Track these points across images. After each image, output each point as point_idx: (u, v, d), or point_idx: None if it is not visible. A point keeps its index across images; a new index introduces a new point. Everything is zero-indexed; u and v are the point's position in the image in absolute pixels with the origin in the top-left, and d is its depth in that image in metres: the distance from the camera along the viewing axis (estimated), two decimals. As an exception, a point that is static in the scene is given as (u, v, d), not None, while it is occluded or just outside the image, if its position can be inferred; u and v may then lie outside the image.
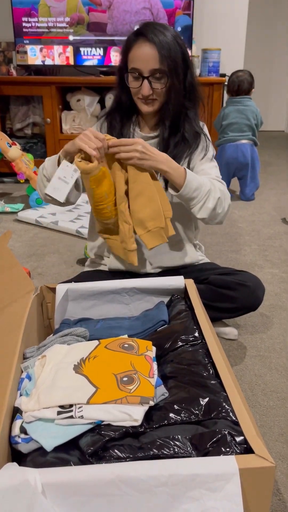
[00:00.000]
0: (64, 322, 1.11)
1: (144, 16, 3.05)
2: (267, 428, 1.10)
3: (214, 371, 0.85)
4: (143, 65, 1.17)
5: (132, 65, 1.19)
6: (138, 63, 1.17)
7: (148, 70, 1.17)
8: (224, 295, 1.30)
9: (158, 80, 1.19)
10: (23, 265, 1.98)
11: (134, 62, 1.18)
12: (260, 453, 0.63)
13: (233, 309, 1.33)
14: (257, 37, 5.24)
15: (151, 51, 1.16)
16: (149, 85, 1.19)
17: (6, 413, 0.74)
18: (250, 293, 1.29)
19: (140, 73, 1.18)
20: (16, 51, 3.17)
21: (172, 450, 0.68)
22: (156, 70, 1.17)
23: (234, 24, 3.39)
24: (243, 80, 2.79)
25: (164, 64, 1.16)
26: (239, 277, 1.32)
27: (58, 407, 0.75)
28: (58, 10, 3.06)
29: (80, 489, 0.60)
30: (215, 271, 1.37)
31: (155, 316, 1.07)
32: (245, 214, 2.73)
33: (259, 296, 1.31)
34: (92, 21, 3.09)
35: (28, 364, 0.89)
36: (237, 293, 1.29)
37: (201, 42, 3.36)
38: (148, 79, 1.18)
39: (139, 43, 1.17)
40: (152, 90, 1.20)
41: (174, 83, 1.20)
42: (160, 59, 1.16)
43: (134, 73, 1.19)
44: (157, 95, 1.22)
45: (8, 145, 2.74)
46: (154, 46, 1.15)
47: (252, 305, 1.33)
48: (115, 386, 0.78)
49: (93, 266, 1.44)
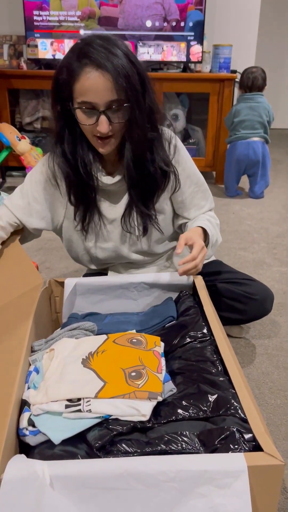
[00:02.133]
0: (72, 316, 1.11)
1: (156, 11, 3.03)
2: (275, 426, 1.10)
3: (222, 368, 0.85)
4: (97, 98, 0.96)
5: (81, 99, 0.97)
6: (91, 96, 0.96)
7: (104, 103, 0.97)
8: (232, 306, 1.28)
9: (117, 112, 0.99)
10: (32, 259, 1.98)
11: (84, 95, 0.96)
12: (269, 451, 0.63)
13: (240, 320, 1.34)
14: (269, 34, 5.19)
15: (104, 81, 0.94)
16: (108, 120, 0.98)
17: (14, 405, 0.74)
18: (259, 305, 1.29)
19: (94, 107, 0.97)
20: (27, 44, 3.17)
21: (180, 446, 0.67)
22: (113, 101, 0.97)
23: (246, 20, 3.36)
24: (257, 77, 2.74)
25: (121, 94, 0.96)
26: (248, 289, 1.28)
27: (66, 400, 0.75)
28: (70, 4, 3.05)
29: (88, 483, 0.60)
30: (223, 276, 1.32)
31: (163, 312, 1.07)
32: (254, 212, 2.71)
33: (267, 307, 1.31)
34: (104, 15, 3.07)
35: (36, 357, 0.89)
36: (246, 306, 1.28)
37: (212, 38, 3.33)
38: (105, 113, 0.97)
39: (87, 72, 0.94)
40: (111, 125, 1.00)
41: (135, 114, 0.99)
42: (117, 88, 0.95)
43: (85, 108, 0.98)
44: (114, 131, 1.02)
45: (17, 138, 2.74)
46: (108, 75, 0.94)
47: (260, 316, 1.34)
48: (123, 381, 0.78)
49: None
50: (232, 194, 2.99)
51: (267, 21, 4.92)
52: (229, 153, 2.90)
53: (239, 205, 2.84)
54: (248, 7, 3.33)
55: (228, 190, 2.99)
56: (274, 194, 3.09)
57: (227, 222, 2.52)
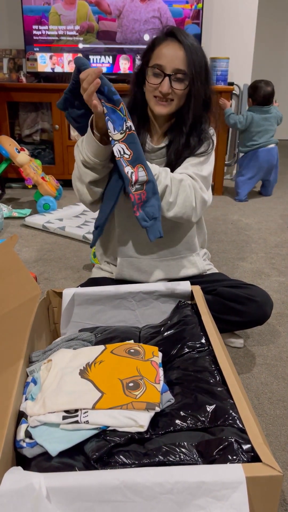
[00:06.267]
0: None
1: (154, 25, 3.08)
2: (274, 437, 1.09)
3: (221, 378, 0.85)
4: (167, 62, 1.14)
5: (155, 61, 1.15)
6: (163, 60, 1.14)
7: (172, 69, 1.14)
8: (232, 308, 1.29)
9: (180, 81, 1.16)
10: (30, 270, 1.99)
11: (159, 58, 1.15)
12: (268, 462, 0.63)
13: (240, 323, 1.33)
14: (265, 46, 5.26)
15: (178, 51, 1.14)
16: (169, 84, 1.15)
17: (11, 417, 0.74)
18: (258, 307, 1.28)
19: (163, 70, 1.15)
20: (26, 58, 3.21)
21: (178, 457, 0.67)
22: (179, 70, 1.14)
23: (243, 33, 3.41)
24: (271, 92, 3.02)
25: (189, 66, 1.14)
26: (248, 291, 1.30)
27: (64, 411, 0.74)
28: (68, 18, 3.10)
29: (85, 495, 0.60)
30: (224, 282, 1.35)
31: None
32: (252, 222, 2.72)
33: (267, 311, 1.30)
34: (102, 29, 3.12)
35: (33, 368, 0.89)
36: (245, 307, 1.28)
37: (209, 51, 3.37)
38: (170, 77, 1.14)
39: (167, 42, 1.15)
40: (172, 89, 1.16)
41: (196, 89, 1.16)
42: (186, 60, 1.14)
43: (156, 70, 1.15)
44: (175, 97, 1.17)
45: (16, 150, 2.76)
46: (183, 47, 1.14)
47: (259, 320, 1.32)
48: (121, 392, 0.77)
49: (99, 274, 1.43)
50: (244, 198, 3.18)
51: (263, 34, 4.99)
52: (249, 161, 3.13)
53: (238, 215, 2.85)
54: (245, 20, 3.38)
55: (240, 195, 3.17)
56: (272, 204, 3.11)
57: (226, 232, 2.52)
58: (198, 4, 3.04)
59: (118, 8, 3.06)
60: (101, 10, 3.08)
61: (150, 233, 1.09)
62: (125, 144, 1.02)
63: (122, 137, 1.02)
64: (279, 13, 5.31)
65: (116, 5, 3.05)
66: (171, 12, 3.05)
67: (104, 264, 1.42)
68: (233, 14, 3.37)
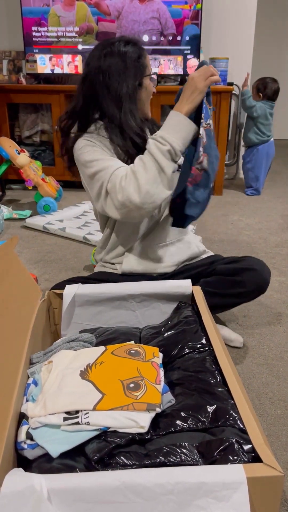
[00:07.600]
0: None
1: (153, 26, 3.08)
2: (275, 437, 1.09)
3: (221, 378, 0.85)
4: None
5: (150, 70, 1.28)
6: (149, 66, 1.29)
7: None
8: (234, 281, 1.35)
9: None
10: (31, 271, 1.99)
11: (149, 66, 1.28)
12: (268, 462, 0.63)
13: (244, 293, 1.37)
14: (265, 47, 5.27)
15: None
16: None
17: (12, 418, 0.74)
18: (257, 274, 1.35)
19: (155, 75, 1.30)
20: (26, 60, 3.21)
21: (179, 458, 0.67)
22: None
23: (242, 33, 3.41)
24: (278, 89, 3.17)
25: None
26: (244, 263, 1.38)
27: (64, 413, 0.74)
28: (68, 19, 3.10)
29: (86, 496, 0.60)
30: (220, 261, 1.43)
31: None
32: (252, 222, 2.72)
33: (266, 277, 1.37)
34: (101, 30, 3.12)
35: (34, 370, 0.89)
36: (245, 276, 1.34)
37: (209, 51, 3.38)
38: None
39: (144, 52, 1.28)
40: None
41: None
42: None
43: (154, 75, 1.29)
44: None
45: (16, 152, 2.76)
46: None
47: (261, 287, 1.37)
48: (121, 393, 0.77)
49: (103, 269, 1.43)
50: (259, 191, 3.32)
51: (262, 34, 4.99)
52: (261, 154, 3.24)
53: (238, 215, 2.85)
54: (244, 21, 3.38)
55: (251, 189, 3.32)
56: (272, 204, 3.10)
57: (226, 233, 2.52)
58: (197, 5, 3.05)
59: (117, 9, 3.06)
60: (100, 11, 3.08)
61: (188, 207, 1.17)
62: (205, 133, 1.16)
63: (207, 126, 1.16)
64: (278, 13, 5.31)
65: (115, 6, 3.05)
66: (170, 13, 3.06)
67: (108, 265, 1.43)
68: (232, 15, 3.37)
